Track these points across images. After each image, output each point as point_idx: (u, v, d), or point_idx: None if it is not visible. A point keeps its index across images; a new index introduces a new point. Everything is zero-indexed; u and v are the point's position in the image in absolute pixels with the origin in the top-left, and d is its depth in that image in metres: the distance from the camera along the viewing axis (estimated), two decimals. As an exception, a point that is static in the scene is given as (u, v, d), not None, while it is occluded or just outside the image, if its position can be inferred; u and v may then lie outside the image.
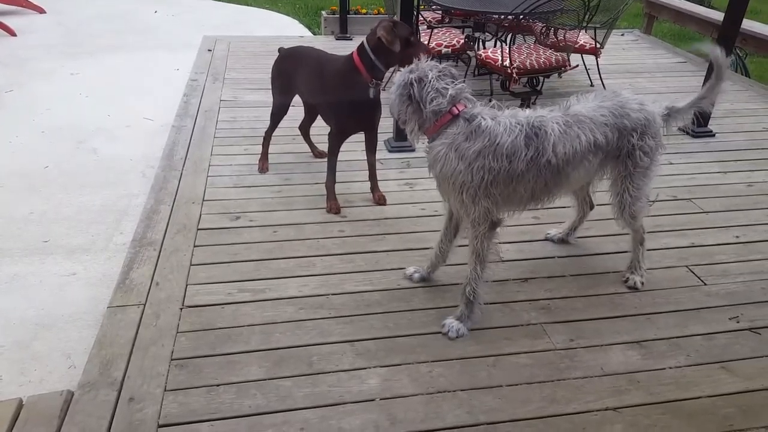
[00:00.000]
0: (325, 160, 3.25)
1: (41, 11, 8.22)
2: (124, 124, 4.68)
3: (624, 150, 2.39)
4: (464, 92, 2.19)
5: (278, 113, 3.53)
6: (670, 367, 2.24)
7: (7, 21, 7.27)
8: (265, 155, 3.65)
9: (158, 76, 5.81)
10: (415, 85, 2.15)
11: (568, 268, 2.79)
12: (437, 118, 2.16)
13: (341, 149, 3.18)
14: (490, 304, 2.54)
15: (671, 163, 3.85)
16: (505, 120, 2.15)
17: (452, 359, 2.25)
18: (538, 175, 2.19)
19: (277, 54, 3.43)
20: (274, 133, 3.62)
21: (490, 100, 4.27)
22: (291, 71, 3.33)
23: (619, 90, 2.50)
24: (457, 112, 2.15)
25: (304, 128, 3.75)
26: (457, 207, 2.31)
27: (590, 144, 2.23)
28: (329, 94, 3.09)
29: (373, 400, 2.07)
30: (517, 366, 2.23)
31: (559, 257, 2.87)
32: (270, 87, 3.55)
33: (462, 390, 2.12)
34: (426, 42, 4.62)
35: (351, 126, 3.13)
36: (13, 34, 7.13)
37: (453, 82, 2.17)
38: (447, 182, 2.21)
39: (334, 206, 3.20)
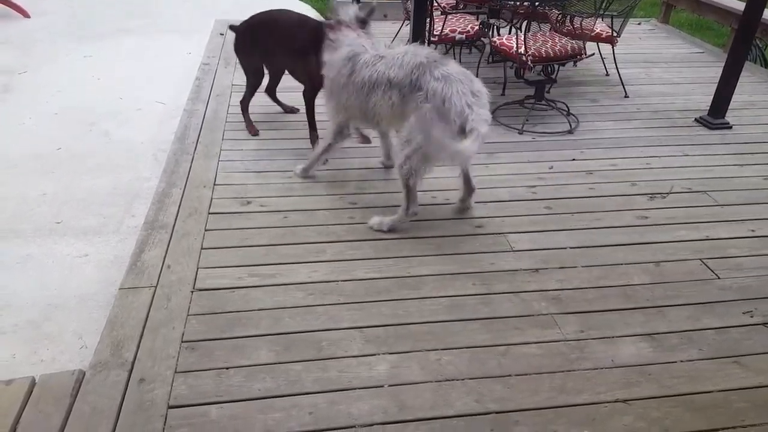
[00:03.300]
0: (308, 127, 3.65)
1: (54, -7, 8.21)
2: (136, 107, 4.68)
3: (413, 102, 2.65)
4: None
5: (255, 82, 3.84)
6: (682, 361, 2.22)
7: (21, 2, 7.27)
8: (250, 121, 3.95)
9: (170, 59, 5.78)
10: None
11: (579, 259, 2.76)
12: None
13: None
14: (501, 293, 2.53)
15: (686, 155, 3.80)
16: (354, 42, 2.94)
17: (461, 348, 2.25)
18: (354, 91, 2.86)
19: (233, 30, 3.75)
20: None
21: (504, 88, 4.27)
22: (259, 39, 3.65)
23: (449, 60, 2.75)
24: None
25: (271, 91, 4.12)
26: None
27: (384, 75, 2.74)
28: (302, 53, 3.40)
29: (381, 386, 2.08)
30: (527, 356, 2.22)
31: (570, 248, 2.85)
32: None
33: (471, 378, 2.11)
34: (440, 28, 4.58)
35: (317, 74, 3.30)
36: (27, 15, 7.12)
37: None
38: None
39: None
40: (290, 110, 4.22)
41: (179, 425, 1.92)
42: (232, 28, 3.75)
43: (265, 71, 3.85)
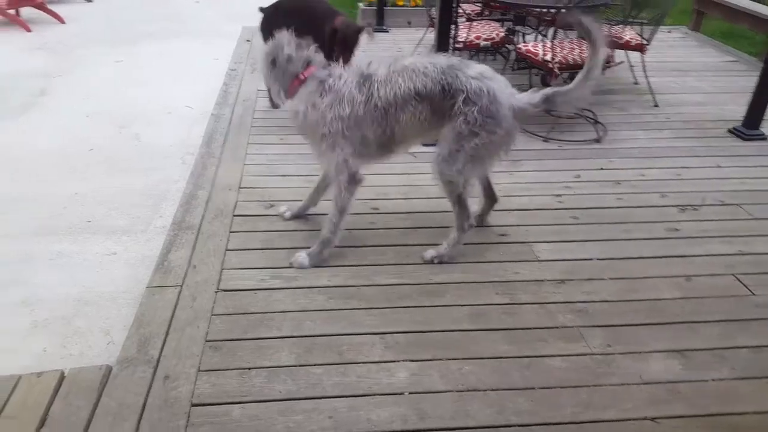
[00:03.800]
0: None
1: (89, 0, 8.43)
2: (165, 111, 4.76)
3: (452, 111, 2.44)
4: (315, 56, 2.56)
5: None
6: (714, 380, 2.15)
7: (57, 9, 7.48)
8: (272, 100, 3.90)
9: (198, 64, 5.88)
10: (279, 53, 2.54)
11: (607, 271, 2.71)
12: (293, 79, 2.53)
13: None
14: (525, 304, 2.50)
15: (719, 167, 3.71)
16: (345, 75, 2.51)
17: (484, 358, 2.22)
18: (374, 119, 2.48)
19: (262, 11, 3.74)
20: None
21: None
22: (285, 21, 3.61)
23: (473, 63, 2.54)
24: (303, 77, 2.52)
25: None
26: (319, 157, 2.65)
27: (410, 90, 2.43)
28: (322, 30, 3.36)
29: (401, 393, 2.06)
30: (551, 369, 2.18)
31: (598, 259, 2.80)
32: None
33: (493, 390, 2.08)
34: (465, 34, 4.56)
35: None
36: (62, 21, 7.32)
37: (307, 48, 2.56)
38: (310, 133, 2.59)
39: None
40: None
41: (202, 423, 1.93)
42: (261, 9, 3.78)
43: None
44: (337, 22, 3.37)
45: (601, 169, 3.67)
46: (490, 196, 2.95)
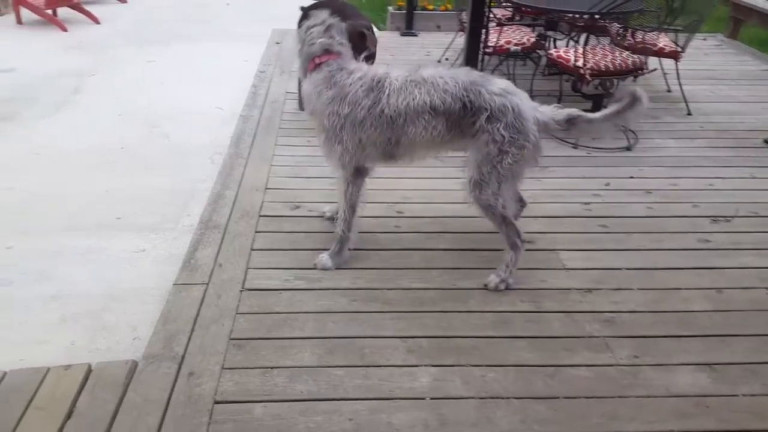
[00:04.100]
0: None
1: (123, 1, 8.61)
2: (195, 111, 4.83)
3: (473, 128, 2.37)
4: (337, 46, 2.48)
5: None
6: (744, 395, 2.09)
7: (92, 9, 7.66)
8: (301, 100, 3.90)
9: (228, 66, 5.96)
10: (304, 30, 2.53)
11: (635, 281, 2.66)
12: (310, 61, 2.49)
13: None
14: (551, 312, 2.46)
15: (754, 177, 3.62)
16: (357, 74, 2.43)
17: (507, 365, 2.19)
18: (377, 125, 2.39)
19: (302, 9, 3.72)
20: None
21: (559, 101, 4.17)
22: None
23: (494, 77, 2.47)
24: (319, 61, 2.47)
25: None
26: (321, 147, 2.59)
27: (425, 104, 2.34)
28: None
29: (423, 398, 2.05)
30: (576, 378, 2.14)
31: (626, 269, 2.75)
32: None
33: (516, 398, 2.06)
34: (495, 39, 4.54)
35: None
36: (97, 21, 7.49)
37: (336, 36, 2.50)
38: (315, 120, 2.55)
39: None
40: None
41: (224, 420, 1.95)
42: (302, 8, 3.85)
43: None
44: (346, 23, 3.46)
45: (632, 177, 3.61)
46: (519, 200, 2.92)
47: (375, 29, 3.71)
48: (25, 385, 2.07)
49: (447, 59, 5.67)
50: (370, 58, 3.34)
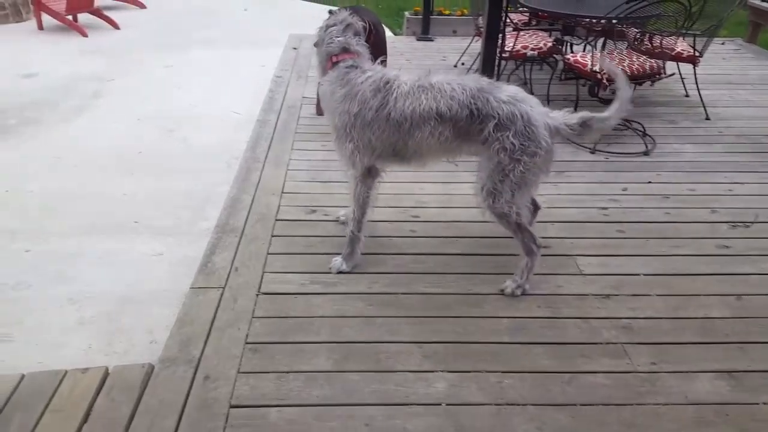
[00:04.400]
0: None
1: (142, 6, 8.73)
2: (212, 115, 4.88)
3: (480, 135, 2.35)
4: (355, 46, 2.51)
5: None
6: (765, 403, 2.06)
7: (112, 15, 7.77)
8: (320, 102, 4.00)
9: (245, 71, 6.01)
10: (324, 29, 2.57)
11: (653, 287, 2.63)
12: (328, 59, 2.53)
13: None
14: (568, 318, 2.44)
15: (776, 182, 3.57)
16: (369, 73, 2.44)
17: (524, 372, 2.18)
18: (385, 127, 2.40)
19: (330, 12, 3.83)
20: None
21: (576, 106, 4.14)
22: None
23: (504, 84, 2.45)
24: (336, 59, 2.50)
25: None
26: (334, 145, 2.62)
27: (432, 109, 2.33)
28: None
29: (439, 404, 2.04)
30: (593, 385, 2.12)
31: (644, 274, 2.72)
32: None
33: (533, 405, 2.04)
34: (511, 44, 4.52)
35: None
36: (117, 27, 7.61)
37: (353, 36, 2.53)
38: (328, 118, 2.59)
39: None
40: None
41: (240, 425, 1.95)
42: (330, 12, 3.97)
43: None
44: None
45: (649, 182, 3.57)
46: (533, 203, 2.90)
47: (388, 31, 3.72)
48: (42, 388, 2.09)
49: (463, 64, 5.67)
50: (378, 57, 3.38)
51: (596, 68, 3.93)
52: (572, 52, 5.07)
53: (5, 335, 2.53)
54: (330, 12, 3.64)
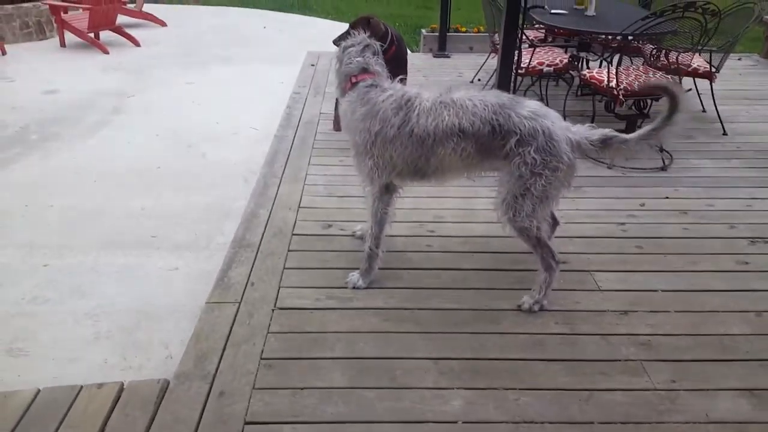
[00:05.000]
0: None
1: (163, 24, 8.92)
2: (231, 131, 4.94)
3: (502, 150, 2.36)
4: (374, 66, 2.58)
5: None
6: (789, 423, 2.01)
7: (133, 33, 7.95)
8: (338, 119, 3.98)
9: (264, 87, 6.10)
10: (342, 49, 2.64)
11: (672, 303, 2.60)
12: (347, 80, 2.58)
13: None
14: (586, 335, 2.41)
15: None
16: (389, 92, 2.48)
17: (542, 389, 2.15)
18: (407, 144, 2.42)
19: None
20: None
21: (592, 121, 4.14)
22: None
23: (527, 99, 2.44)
24: (355, 80, 2.55)
25: None
26: (354, 161, 2.65)
27: (454, 126, 2.35)
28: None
29: (455, 422, 2.02)
30: (612, 403, 2.09)
31: (663, 291, 2.68)
32: None
33: (550, 422, 2.01)
34: (527, 60, 4.54)
35: None
36: (137, 44, 7.77)
37: (372, 56, 2.60)
38: (349, 137, 2.62)
39: None
40: None
41: (254, 442, 1.95)
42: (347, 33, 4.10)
43: None
44: (372, 20, 3.50)
45: (667, 198, 3.54)
46: (552, 218, 2.86)
47: (399, 35, 3.75)
48: (57, 403, 2.09)
49: (479, 80, 5.69)
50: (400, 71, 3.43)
51: (612, 84, 3.92)
52: (588, 68, 5.07)
53: (21, 350, 2.56)
54: (347, 33, 3.70)
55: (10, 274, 3.08)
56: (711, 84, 4.59)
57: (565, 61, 4.63)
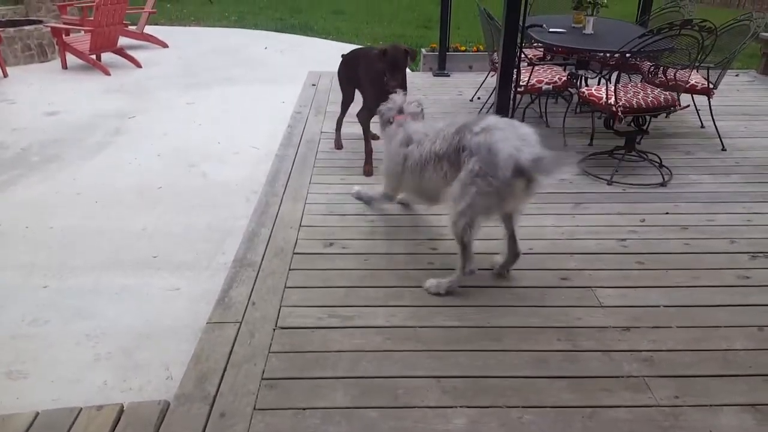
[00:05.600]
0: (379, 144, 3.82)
1: (164, 45, 9.01)
2: (232, 151, 4.97)
3: (464, 164, 2.61)
4: (406, 108, 3.22)
5: (346, 102, 4.42)
6: (795, 439, 2.00)
7: (135, 54, 8.03)
8: (338, 138, 4.57)
9: (265, 107, 6.14)
10: (385, 110, 3.30)
11: (674, 319, 2.59)
12: (388, 122, 3.25)
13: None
14: (588, 351, 2.40)
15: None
16: (404, 130, 3.07)
17: (545, 407, 2.13)
18: (410, 173, 2.97)
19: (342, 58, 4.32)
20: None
21: (592, 138, 4.16)
22: (349, 67, 4.25)
23: (489, 117, 2.67)
24: (395, 119, 3.20)
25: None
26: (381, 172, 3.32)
27: (431, 152, 2.80)
28: (365, 77, 4.03)
29: (459, 440, 2.00)
30: (615, 420, 2.07)
31: (664, 306, 2.68)
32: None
33: (554, 440, 2.00)
34: (526, 79, 4.58)
35: (375, 101, 3.62)
36: (139, 66, 7.84)
37: (399, 103, 3.26)
38: (384, 156, 3.27)
39: (368, 170, 4.09)
40: (373, 137, 4.25)
41: (256, 463, 1.93)
42: (342, 56, 4.37)
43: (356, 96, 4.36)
44: (388, 47, 3.75)
45: (667, 213, 3.55)
46: (512, 249, 2.87)
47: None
48: (57, 426, 2.07)
49: (479, 98, 5.73)
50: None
51: (611, 101, 3.95)
52: (587, 85, 5.12)
53: (20, 372, 2.54)
54: (343, 55, 3.82)
55: (10, 295, 3.07)
56: (709, 100, 4.63)
57: (564, 78, 4.67)
